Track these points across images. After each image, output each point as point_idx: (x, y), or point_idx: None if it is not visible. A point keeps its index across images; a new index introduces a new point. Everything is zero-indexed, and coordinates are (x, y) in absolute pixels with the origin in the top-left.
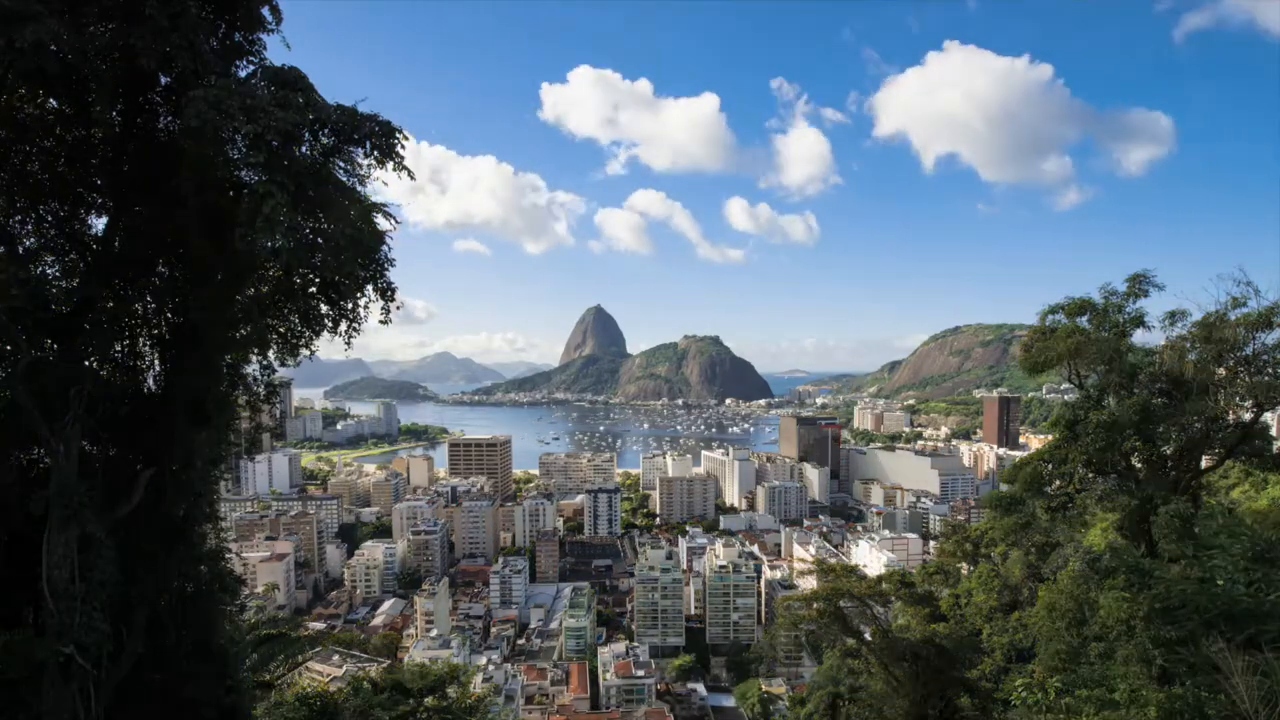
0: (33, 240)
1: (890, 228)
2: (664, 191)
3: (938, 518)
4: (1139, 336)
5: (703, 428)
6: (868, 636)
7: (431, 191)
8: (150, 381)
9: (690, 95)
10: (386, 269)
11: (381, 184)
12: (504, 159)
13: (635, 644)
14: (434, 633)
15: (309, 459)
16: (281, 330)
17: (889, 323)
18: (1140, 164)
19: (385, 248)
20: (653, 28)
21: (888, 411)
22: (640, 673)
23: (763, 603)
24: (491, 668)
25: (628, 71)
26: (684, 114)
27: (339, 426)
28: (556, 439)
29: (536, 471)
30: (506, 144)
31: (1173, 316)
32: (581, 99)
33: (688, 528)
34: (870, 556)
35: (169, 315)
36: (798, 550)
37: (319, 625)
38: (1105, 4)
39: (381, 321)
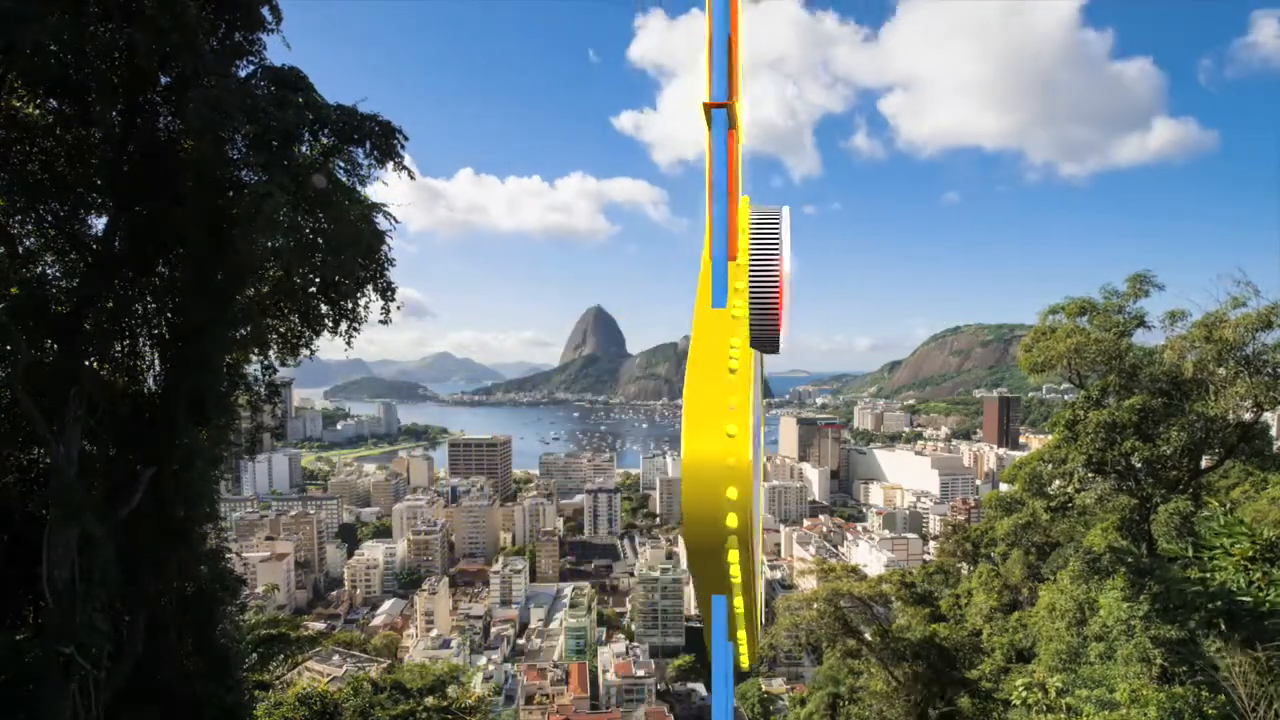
0: (33, 240)
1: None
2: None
3: (938, 518)
4: (1139, 336)
5: None
6: (868, 636)
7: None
8: (150, 381)
9: None
10: (386, 268)
11: (382, 184)
12: None
13: (635, 644)
14: (434, 633)
15: (309, 459)
16: (281, 330)
17: (889, 323)
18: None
19: (385, 247)
20: None
21: (888, 411)
22: (640, 673)
23: (762, 603)
24: (491, 668)
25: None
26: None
27: (339, 426)
28: (557, 439)
29: (536, 471)
30: None
31: (1173, 316)
32: None
33: None
34: (870, 556)
35: (169, 315)
36: (798, 550)
37: (319, 625)
38: None
39: (381, 321)
